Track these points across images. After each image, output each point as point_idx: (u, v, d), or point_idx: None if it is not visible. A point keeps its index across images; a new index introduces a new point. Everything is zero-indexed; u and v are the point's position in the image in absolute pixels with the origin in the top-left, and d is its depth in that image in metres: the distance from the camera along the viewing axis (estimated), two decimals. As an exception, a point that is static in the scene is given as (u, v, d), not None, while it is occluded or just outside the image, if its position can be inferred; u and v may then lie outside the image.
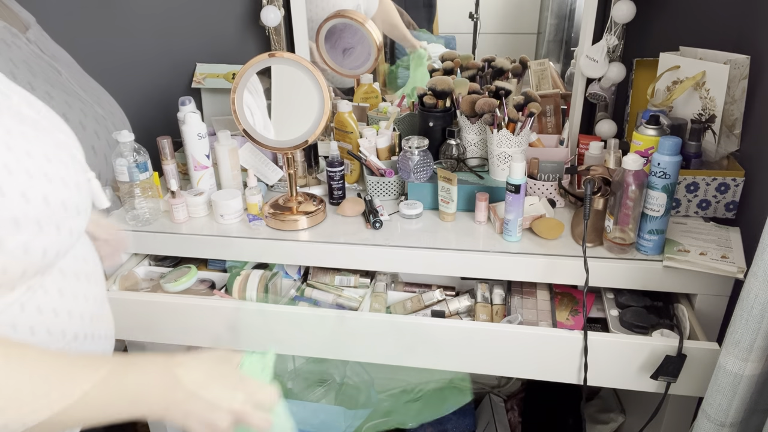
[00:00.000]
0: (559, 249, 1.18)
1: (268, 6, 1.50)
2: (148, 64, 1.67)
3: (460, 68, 1.58)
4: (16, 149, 0.57)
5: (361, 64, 1.64)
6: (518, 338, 1.11)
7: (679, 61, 1.28)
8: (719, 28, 1.31)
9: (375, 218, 1.28)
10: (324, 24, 1.58)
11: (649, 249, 1.14)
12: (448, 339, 1.14)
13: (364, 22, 1.56)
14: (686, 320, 1.12)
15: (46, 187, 0.59)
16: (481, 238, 1.24)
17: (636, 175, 1.08)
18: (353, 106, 1.53)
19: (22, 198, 0.56)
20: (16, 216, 0.55)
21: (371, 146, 1.44)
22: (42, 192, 0.58)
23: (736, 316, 0.84)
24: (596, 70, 1.40)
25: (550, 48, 1.64)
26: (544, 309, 1.23)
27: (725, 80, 1.16)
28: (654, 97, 1.34)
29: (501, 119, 1.32)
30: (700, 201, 1.24)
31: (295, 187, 1.32)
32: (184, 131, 1.35)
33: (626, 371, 1.09)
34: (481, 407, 1.80)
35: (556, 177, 1.33)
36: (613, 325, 1.14)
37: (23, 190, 0.56)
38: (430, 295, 1.27)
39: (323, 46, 1.61)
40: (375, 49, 1.59)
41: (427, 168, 1.35)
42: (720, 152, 1.22)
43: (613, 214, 1.12)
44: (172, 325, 1.26)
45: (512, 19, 1.65)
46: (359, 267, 1.26)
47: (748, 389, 0.87)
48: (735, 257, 1.07)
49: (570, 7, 1.61)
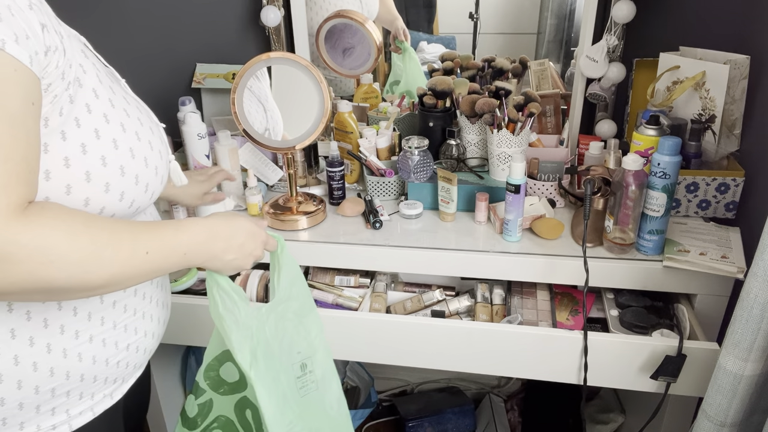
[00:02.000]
0: (559, 249, 1.18)
1: (268, 6, 1.50)
2: (148, 64, 1.67)
3: (460, 68, 1.58)
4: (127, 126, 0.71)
5: (361, 64, 1.64)
6: (518, 338, 1.11)
7: (679, 61, 1.27)
8: (719, 28, 1.31)
9: (375, 218, 1.28)
10: (324, 24, 1.58)
11: (649, 249, 1.14)
12: (448, 339, 1.14)
13: (364, 22, 1.56)
14: (686, 320, 1.12)
15: (150, 153, 0.73)
16: (481, 238, 1.24)
17: (636, 175, 1.08)
18: (353, 106, 1.53)
19: (101, 161, 0.66)
20: (89, 171, 0.65)
21: (371, 146, 1.44)
22: (120, 163, 0.69)
23: (736, 316, 0.84)
24: (596, 70, 1.40)
25: (550, 48, 1.64)
26: (544, 309, 1.23)
27: (725, 80, 1.16)
28: (654, 97, 1.34)
29: (501, 119, 1.32)
30: (700, 201, 1.24)
31: (295, 187, 1.32)
32: (184, 131, 1.35)
33: (626, 371, 1.09)
34: (481, 407, 1.80)
35: (556, 177, 1.33)
36: (613, 325, 1.14)
37: (131, 146, 0.70)
38: (430, 295, 1.27)
39: (323, 46, 1.61)
40: (375, 49, 1.59)
41: (427, 168, 1.35)
42: (720, 152, 1.22)
43: (613, 214, 1.12)
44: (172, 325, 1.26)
45: (512, 19, 1.65)
46: (359, 267, 1.26)
47: (748, 389, 0.87)
48: (735, 257, 1.07)
49: (570, 7, 1.61)
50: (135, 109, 0.75)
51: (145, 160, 0.73)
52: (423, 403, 1.77)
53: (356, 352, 1.22)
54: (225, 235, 0.76)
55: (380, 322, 1.17)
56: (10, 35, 0.55)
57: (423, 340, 1.16)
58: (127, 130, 0.71)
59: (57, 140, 0.63)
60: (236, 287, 0.81)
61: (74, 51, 0.67)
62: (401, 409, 1.76)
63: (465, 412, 1.73)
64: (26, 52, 0.56)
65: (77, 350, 0.70)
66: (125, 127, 0.71)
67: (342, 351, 1.22)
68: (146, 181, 0.73)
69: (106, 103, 0.69)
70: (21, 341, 0.66)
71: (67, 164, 0.64)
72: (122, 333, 0.76)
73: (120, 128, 0.70)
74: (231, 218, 0.78)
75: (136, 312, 0.78)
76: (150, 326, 0.82)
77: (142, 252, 0.64)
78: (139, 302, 0.79)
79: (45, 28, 0.60)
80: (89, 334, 0.72)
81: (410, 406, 1.76)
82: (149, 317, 0.81)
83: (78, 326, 0.70)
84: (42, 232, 0.55)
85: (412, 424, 1.70)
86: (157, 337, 0.86)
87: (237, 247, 0.77)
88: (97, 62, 0.74)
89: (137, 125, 0.73)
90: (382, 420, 1.81)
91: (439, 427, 1.70)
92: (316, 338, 0.93)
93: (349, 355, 1.27)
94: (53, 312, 0.68)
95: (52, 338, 0.68)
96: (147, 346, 0.82)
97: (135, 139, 0.71)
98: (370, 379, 1.82)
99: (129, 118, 0.72)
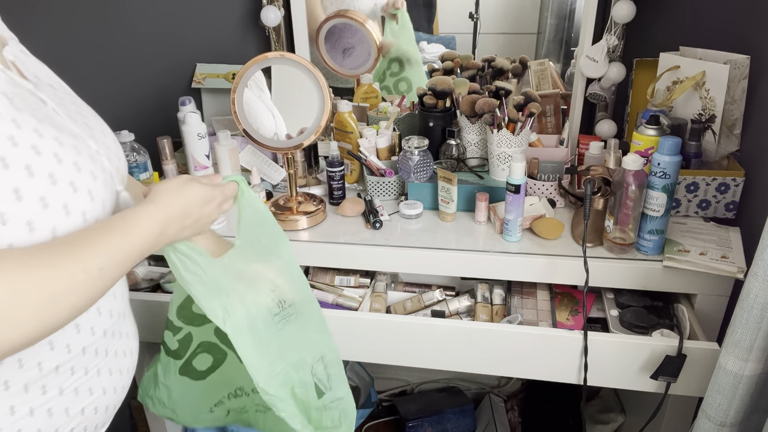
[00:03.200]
0: (559, 249, 1.18)
1: (268, 6, 1.50)
2: (148, 64, 1.67)
3: (460, 68, 1.58)
4: (45, 154, 0.59)
5: (361, 64, 1.64)
6: (518, 338, 1.11)
7: (679, 61, 1.27)
8: (719, 28, 1.31)
9: (375, 218, 1.28)
10: (324, 24, 1.58)
11: (649, 249, 1.14)
12: (448, 339, 1.14)
13: (364, 22, 1.56)
14: (686, 320, 1.12)
15: (70, 197, 0.60)
16: (481, 238, 1.24)
17: (636, 175, 1.08)
18: (353, 106, 1.53)
19: (41, 202, 0.57)
20: (30, 219, 0.56)
21: (371, 146, 1.44)
22: (63, 201, 0.59)
23: (736, 316, 0.84)
24: (596, 70, 1.40)
25: (550, 48, 1.64)
26: (544, 309, 1.23)
27: (725, 80, 1.16)
28: (654, 97, 1.34)
29: (501, 119, 1.32)
30: (700, 201, 1.24)
31: (295, 187, 1.32)
32: (184, 131, 1.35)
33: (626, 371, 1.09)
34: (481, 407, 1.80)
35: (556, 177, 1.33)
36: (613, 325, 1.14)
37: (43, 194, 0.57)
38: (430, 295, 1.27)
39: (323, 46, 1.61)
40: (375, 49, 1.58)
41: (427, 168, 1.35)
42: (720, 152, 1.22)
43: (613, 214, 1.12)
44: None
45: (512, 19, 1.65)
46: (359, 267, 1.26)
47: (748, 389, 0.87)
48: (735, 257, 1.07)
49: (570, 7, 1.61)
50: (53, 142, 0.61)
51: (66, 207, 0.60)
52: (423, 403, 1.77)
53: (356, 352, 1.22)
54: (178, 215, 0.71)
55: (380, 322, 1.17)
56: None
57: (423, 340, 1.16)
58: (36, 174, 0.57)
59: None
60: (194, 247, 0.77)
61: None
62: (401, 409, 1.76)
63: (465, 412, 1.73)
64: None
65: (15, 427, 0.62)
66: (32, 170, 0.57)
67: (342, 351, 1.21)
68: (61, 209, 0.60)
69: (4, 144, 0.56)
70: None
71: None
72: (72, 397, 0.68)
73: (25, 174, 0.57)
74: (181, 191, 0.72)
75: (88, 371, 0.69)
76: (109, 381, 0.73)
77: (96, 271, 0.57)
78: (89, 360, 0.69)
79: None
80: (29, 407, 0.63)
81: (410, 406, 1.76)
82: (107, 372, 0.72)
83: (12, 401, 0.62)
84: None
85: (412, 424, 1.70)
86: (121, 389, 0.76)
87: (193, 221, 0.73)
88: (3, 85, 0.60)
89: (52, 165, 0.59)
90: (382, 420, 1.81)
91: (439, 427, 1.70)
92: (292, 267, 0.90)
93: (349, 355, 1.27)
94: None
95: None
96: (109, 403, 0.74)
97: (48, 185, 0.58)
98: (370, 379, 1.82)
99: (40, 156, 0.58)
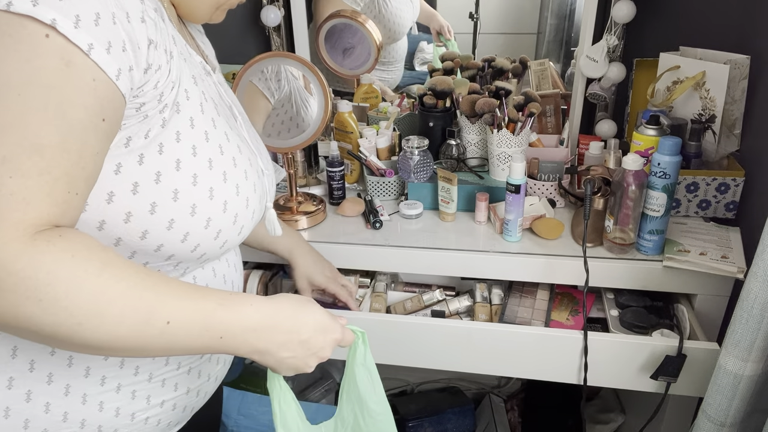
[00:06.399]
0: (559, 249, 1.18)
1: (268, 6, 1.50)
2: (148, 64, 1.67)
3: (460, 68, 1.58)
4: (226, 154, 0.66)
5: (361, 64, 1.63)
6: (518, 338, 1.11)
7: (679, 61, 1.27)
8: (719, 28, 1.31)
9: (375, 218, 1.28)
10: (324, 24, 1.57)
11: (649, 249, 1.14)
12: (448, 339, 1.14)
13: (364, 23, 1.56)
14: (686, 320, 1.12)
15: (232, 198, 0.65)
16: (481, 238, 1.23)
17: (636, 175, 1.08)
18: (353, 106, 1.53)
19: (209, 192, 0.62)
20: (195, 204, 0.61)
21: (371, 146, 1.44)
22: (225, 198, 0.64)
23: (736, 316, 0.84)
24: (596, 70, 1.40)
25: (550, 48, 1.64)
26: (540, 308, 1.23)
27: (725, 80, 1.16)
28: (654, 97, 1.34)
29: (501, 119, 1.32)
30: (700, 201, 1.23)
31: (295, 187, 1.32)
32: (184, 131, 1.35)
33: (626, 371, 1.09)
34: (481, 407, 1.80)
35: (556, 177, 1.33)
36: (613, 325, 1.14)
37: (212, 186, 0.63)
38: (430, 295, 1.27)
39: (323, 46, 1.61)
40: (375, 49, 1.58)
41: (427, 168, 1.35)
42: (720, 152, 1.22)
43: (613, 214, 1.12)
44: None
45: (512, 19, 1.65)
46: (359, 267, 1.26)
47: (748, 389, 0.87)
48: (735, 257, 1.07)
49: (570, 7, 1.61)
50: (235, 148, 0.67)
51: (225, 204, 0.64)
52: (423, 403, 1.77)
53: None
54: (287, 326, 0.61)
55: (380, 322, 1.17)
56: (102, 42, 0.49)
57: (423, 340, 1.16)
58: (214, 167, 0.63)
59: (132, 163, 0.56)
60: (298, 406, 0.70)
61: (183, 74, 0.61)
62: (401, 409, 1.76)
63: (465, 412, 1.73)
64: (116, 64, 0.51)
65: (99, 399, 0.64)
66: (213, 164, 0.63)
67: (342, 351, 1.22)
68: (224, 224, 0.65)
69: (200, 135, 0.62)
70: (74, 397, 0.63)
71: (135, 191, 0.57)
72: (158, 387, 0.68)
73: (206, 165, 0.62)
74: (301, 306, 0.64)
75: (180, 366, 0.69)
76: (196, 383, 0.71)
77: (161, 321, 0.52)
78: (187, 357, 0.68)
79: (153, 45, 0.55)
80: (117, 383, 0.65)
81: (410, 406, 1.76)
82: (196, 373, 0.70)
83: (105, 372, 0.64)
84: (40, 264, 0.47)
85: (412, 424, 1.70)
86: (204, 394, 0.75)
87: (298, 343, 0.62)
88: (213, 93, 0.67)
89: (228, 166, 0.65)
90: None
91: (439, 427, 1.70)
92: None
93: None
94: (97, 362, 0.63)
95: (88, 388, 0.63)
96: (188, 404, 0.72)
97: (220, 181, 0.63)
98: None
99: (222, 155, 0.64)
